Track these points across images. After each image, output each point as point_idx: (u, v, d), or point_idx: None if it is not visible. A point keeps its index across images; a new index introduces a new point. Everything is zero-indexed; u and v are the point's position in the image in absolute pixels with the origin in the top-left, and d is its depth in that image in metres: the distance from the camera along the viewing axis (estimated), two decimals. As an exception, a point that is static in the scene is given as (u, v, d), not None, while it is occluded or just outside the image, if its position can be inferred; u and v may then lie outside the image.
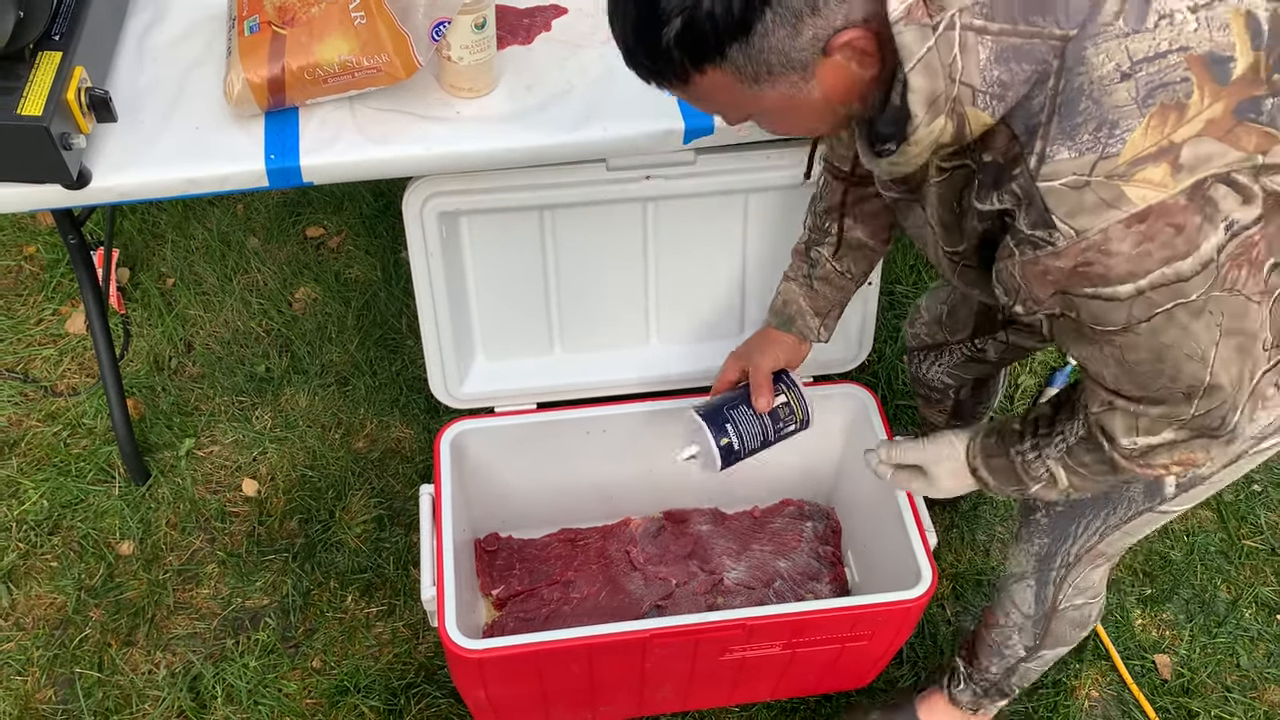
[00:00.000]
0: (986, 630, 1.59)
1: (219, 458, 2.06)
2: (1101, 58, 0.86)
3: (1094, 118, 0.86)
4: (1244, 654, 1.93)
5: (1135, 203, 0.86)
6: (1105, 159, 0.86)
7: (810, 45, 0.87)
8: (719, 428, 1.43)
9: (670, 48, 0.87)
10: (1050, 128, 0.87)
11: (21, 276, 2.32)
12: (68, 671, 1.81)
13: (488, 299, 1.67)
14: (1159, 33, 0.85)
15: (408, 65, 1.36)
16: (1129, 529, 1.33)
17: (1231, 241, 0.89)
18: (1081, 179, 0.87)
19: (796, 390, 1.47)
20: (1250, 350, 0.97)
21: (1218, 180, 0.86)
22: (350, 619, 1.88)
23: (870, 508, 1.74)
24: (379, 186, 2.48)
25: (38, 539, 1.94)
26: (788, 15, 0.85)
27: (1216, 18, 0.86)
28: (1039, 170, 0.88)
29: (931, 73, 0.87)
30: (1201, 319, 0.93)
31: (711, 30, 0.85)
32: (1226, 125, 0.85)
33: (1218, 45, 0.85)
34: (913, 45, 0.86)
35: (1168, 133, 0.85)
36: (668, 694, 1.67)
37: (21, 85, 1.26)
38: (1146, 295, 0.91)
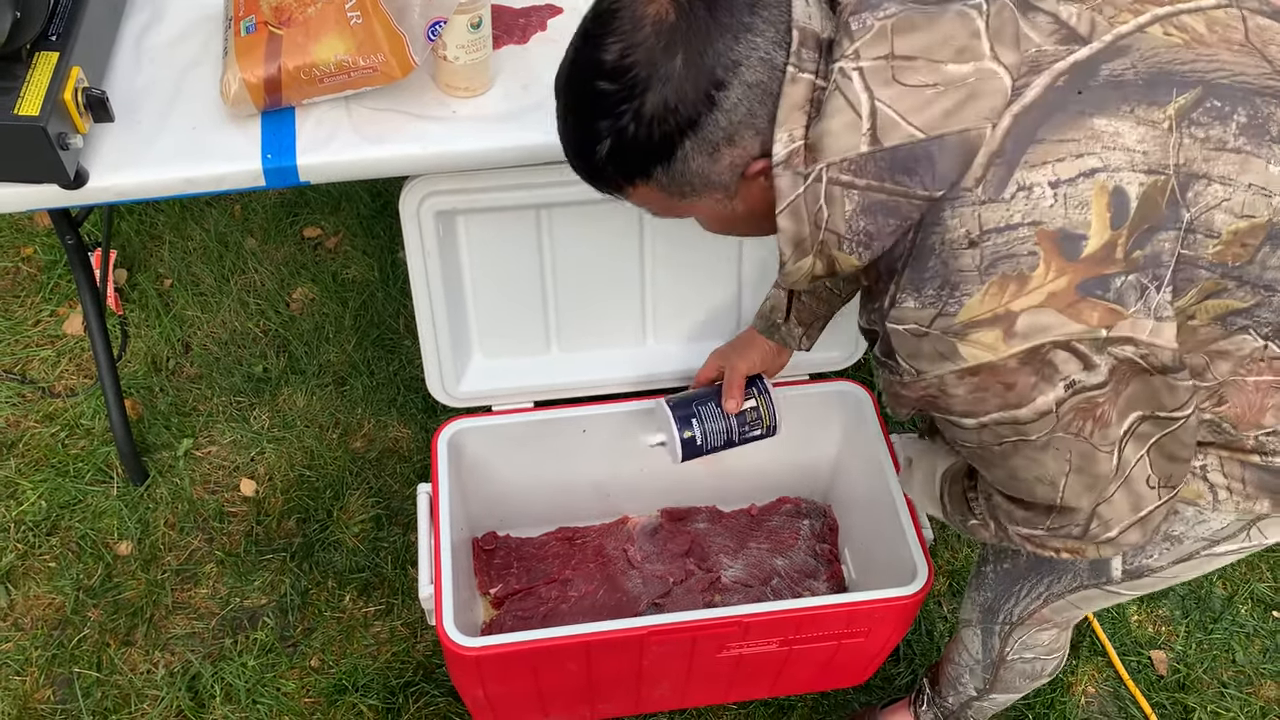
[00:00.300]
0: (946, 662, 1.60)
1: (217, 458, 2.07)
2: (955, 221, 0.88)
3: (939, 276, 0.89)
4: (1240, 650, 1.94)
5: (966, 360, 0.89)
6: (943, 316, 0.89)
7: (729, 170, 0.93)
8: (684, 421, 1.48)
9: (603, 164, 0.94)
10: (903, 276, 0.91)
11: (19, 278, 2.32)
12: (66, 671, 1.81)
13: (485, 298, 1.67)
14: (1014, 204, 0.86)
15: (404, 65, 1.37)
16: (1074, 600, 1.30)
17: (1073, 398, 0.91)
18: (922, 329, 0.91)
19: (768, 397, 1.50)
20: (1096, 488, 0.99)
21: (1057, 347, 0.88)
22: (348, 618, 1.89)
23: (867, 505, 1.74)
24: (376, 187, 2.48)
25: (36, 539, 1.95)
26: (705, 145, 0.91)
27: (1077, 194, 0.86)
28: (889, 311, 0.93)
29: (797, 218, 0.92)
30: (1048, 452, 0.96)
31: (636, 154, 0.92)
32: (1069, 299, 0.86)
33: (1071, 223, 0.86)
34: (785, 189, 0.91)
35: (1005, 301, 0.87)
36: (665, 691, 1.67)
37: (18, 85, 1.26)
38: (990, 428, 0.95)
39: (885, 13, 0.88)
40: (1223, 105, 0.89)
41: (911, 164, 0.87)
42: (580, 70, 0.92)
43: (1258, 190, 0.89)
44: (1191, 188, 0.88)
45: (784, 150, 0.90)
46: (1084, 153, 0.86)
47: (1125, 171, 0.86)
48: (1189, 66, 0.90)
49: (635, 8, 0.89)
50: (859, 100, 0.87)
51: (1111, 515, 1.01)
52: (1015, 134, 0.87)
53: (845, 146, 0.88)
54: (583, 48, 0.92)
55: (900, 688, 1.85)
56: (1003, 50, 0.88)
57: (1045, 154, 0.87)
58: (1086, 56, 0.89)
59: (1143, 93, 0.88)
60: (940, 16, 0.88)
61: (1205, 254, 0.89)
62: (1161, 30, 0.92)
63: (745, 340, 1.53)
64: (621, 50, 0.88)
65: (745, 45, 0.88)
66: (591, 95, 0.91)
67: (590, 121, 0.92)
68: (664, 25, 0.87)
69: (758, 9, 0.89)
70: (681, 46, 0.87)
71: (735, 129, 0.90)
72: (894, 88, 0.87)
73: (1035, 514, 1.06)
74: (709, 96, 0.88)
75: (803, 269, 0.96)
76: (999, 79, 0.87)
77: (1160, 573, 1.19)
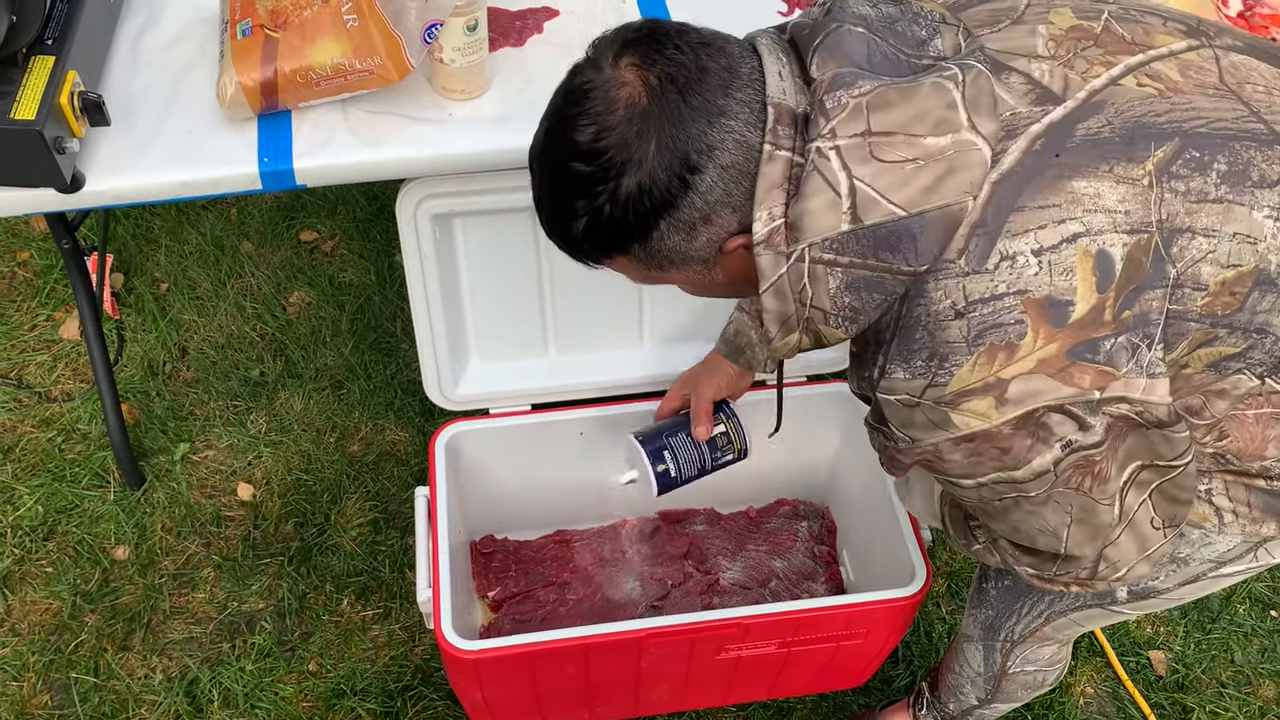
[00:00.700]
0: (946, 670, 1.59)
1: (214, 462, 2.06)
2: (939, 294, 0.87)
3: (927, 347, 0.89)
4: (1238, 649, 1.94)
5: (960, 428, 0.90)
6: (934, 386, 0.89)
7: (706, 247, 0.93)
8: (657, 454, 1.47)
9: (579, 239, 0.95)
10: (891, 347, 0.91)
11: (15, 282, 2.32)
12: (64, 677, 1.81)
13: (482, 301, 1.67)
14: (998, 274, 0.86)
15: (400, 68, 1.37)
16: (1077, 619, 1.30)
17: (1070, 456, 0.91)
18: (913, 399, 0.91)
19: (735, 420, 1.51)
20: (1100, 537, 0.99)
21: (1050, 410, 0.88)
22: (346, 622, 1.88)
23: (865, 507, 1.74)
24: (372, 190, 2.48)
25: (33, 544, 1.94)
26: (682, 225, 0.91)
27: (1061, 261, 0.86)
28: (878, 382, 0.93)
29: (782, 297, 0.92)
30: (1049, 506, 0.97)
31: (612, 232, 0.92)
32: (1059, 365, 0.86)
33: (1057, 289, 0.86)
34: (767, 269, 0.91)
35: (995, 370, 0.87)
36: (664, 694, 1.67)
37: (14, 89, 1.26)
38: (989, 487, 0.96)
39: (860, 90, 0.87)
40: (1201, 155, 0.89)
41: (894, 241, 0.87)
42: (555, 149, 0.92)
43: (1243, 239, 0.89)
44: (1176, 243, 0.88)
45: (764, 229, 0.89)
46: (1066, 218, 0.86)
47: (1108, 234, 0.86)
48: (1165, 118, 0.90)
49: (608, 89, 0.88)
50: (837, 179, 0.86)
51: (1119, 557, 1.01)
52: (995, 203, 0.87)
53: (826, 226, 0.87)
54: (556, 125, 0.92)
55: (899, 689, 1.85)
56: (980, 120, 0.87)
57: (1027, 222, 0.86)
58: (1061, 116, 0.89)
59: (1120, 150, 0.88)
60: (916, 91, 0.87)
61: (1194, 307, 0.89)
62: (1135, 81, 0.91)
63: (708, 366, 1.51)
64: (595, 133, 0.88)
65: (719, 129, 0.87)
66: (566, 175, 0.91)
67: (566, 200, 0.92)
68: (636, 109, 0.87)
69: (732, 90, 0.88)
70: (655, 131, 0.86)
71: (712, 209, 0.90)
72: (872, 165, 0.86)
73: (1042, 560, 1.06)
74: (683, 180, 0.88)
75: (790, 344, 0.96)
76: (978, 150, 0.86)
77: (1167, 594, 1.19)
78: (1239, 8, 1.60)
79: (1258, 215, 0.89)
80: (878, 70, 0.89)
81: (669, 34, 0.90)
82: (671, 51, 0.88)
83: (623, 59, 0.89)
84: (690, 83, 0.87)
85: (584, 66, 0.92)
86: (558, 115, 0.92)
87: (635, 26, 0.92)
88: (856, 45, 0.90)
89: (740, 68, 0.89)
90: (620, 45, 0.90)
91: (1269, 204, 0.89)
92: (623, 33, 0.92)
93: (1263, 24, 1.59)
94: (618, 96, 0.88)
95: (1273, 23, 1.59)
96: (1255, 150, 0.90)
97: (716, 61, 0.89)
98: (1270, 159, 0.90)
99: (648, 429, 1.51)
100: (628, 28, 0.92)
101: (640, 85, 0.88)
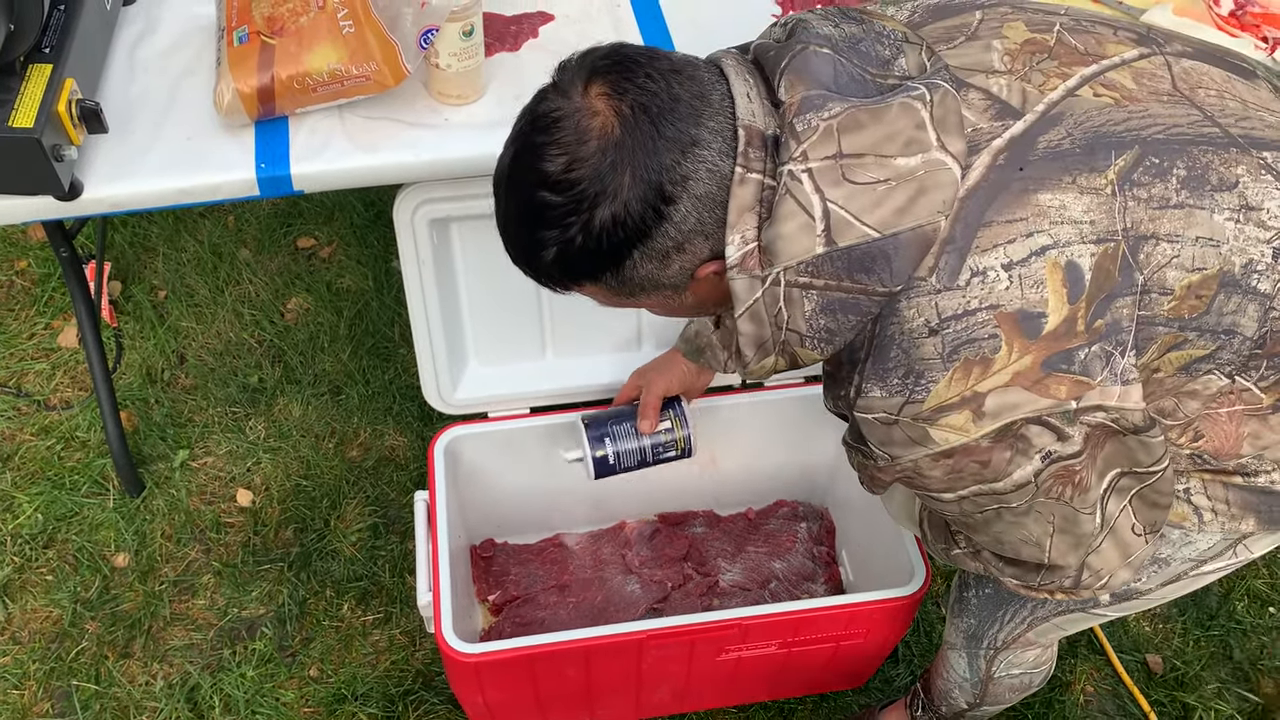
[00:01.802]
0: (935, 675, 1.60)
1: (213, 469, 2.07)
2: (912, 312, 0.88)
3: (902, 365, 0.89)
4: (1237, 646, 1.94)
5: (939, 444, 0.90)
6: (911, 404, 0.90)
7: (679, 274, 0.93)
8: (598, 440, 1.51)
9: (547, 267, 0.93)
10: (866, 366, 0.91)
11: (13, 291, 2.32)
12: (65, 684, 1.81)
13: (479, 305, 1.67)
14: (970, 290, 0.87)
15: (396, 73, 1.37)
16: (1060, 623, 1.30)
17: (1050, 467, 0.92)
18: (891, 417, 0.91)
19: (684, 419, 1.53)
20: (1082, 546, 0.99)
21: (1029, 422, 0.89)
22: (347, 627, 1.89)
23: (863, 507, 1.75)
24: (369, 196, 2.49)
25: (33, 552, 1.94)
26: (655, 254, 0.90)
27: (1031, 274, 0.86)
28: (855, 401, 0.93)
29: (758, 320, 0.92)
30: (1030, 516, 0.97)
31: (583, 262, 0.91)
32: (1035, 377, 0.87)
33: (1029, 302, 0.86)
34: (742, 294, 0.91)
35: (971, 384, 0.87)
36: (665, 696, 1.68)
37: (12, 98, 1.27)
38: (970, 499, 0.96)
39: (830, 112, 0.87)
40: (1160, 161, 0.90)
41: (868, 263, 0.87)
42: (523, 177, 0.90)
43: (1205, 242, 0.90)
44: (1142, 249, 0.88)
45: (737, 253, 0.89)
46: (1033, 231, 0.87)
47: (1076, 245, 0.87)
48: (1123, 126, 0.91)
49: (579, 119, 0.87)
50: (810, 202, 0.86)
51: (1102, 565, 1.02)
52: (963, 219, 0.87)
53: (801, 249, 0.87)
54: (524, 153, 0.90)
55: (899, 689, 1.85)
56: (949, 139, 0.87)
57: (995, 236, 0.87)
58: (1022, 131, 0.90)
59: (1082, 160, 0.89)
60: (885, 112, 0.87)
61: (1162, 311, 0.90)
62: (1091, 92, 0.92)
63: (665, 361, 1.51)
64: (567, 163, 0.87)
65: (693, 159, 0.87)
66: (536, 205, 0.89)
67: (535, 229, 0.90)
68: (609, 140, 0.86)
69: (704, 119, 0.87)
70: (629, 163, 0.86)
71: (685, 238, 0.89)
72: (845, 187, 0.86)
73: (1025, 570, 1.07)
74: (658, 211, 0.87)
75: (766, 367, 0.96)
76: (948, 169, 0.87)
77: (1149, 595, 1.19)
78: (1230, 7, 1.61)
79: (1218, 218, 0.90)
80: (845, 91, 0.89)
81: (639, 62, 0.89)
82: (643, 80, 0.87)
83: (593, 87, 0.88)
84: (663, 112, 0.86)
85: (550, 92, 0.90)
86: (525, 142, 0.90)
87: (603, 53, 0.91)
88: (823, 67, 0.90)
89: (711, 94, 0.89)
90: (589, 73, 0.89)
91: (1229, 206, 0.90)
92: (590, 59, 0.90)
93: (1254, 23, 1.59)
94: (590, 126, 0.87)
95: (1264, 21, 1.60)
96: (1212, 154, 0.91)
97: (687, 89, 0.88)
98: (1227, 162, 0.91)
99: (597, 414, 1.55)
100: (595, 54, 0.91)
101: (613, 115, 0.86)
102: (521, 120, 0.92)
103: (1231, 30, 1.59)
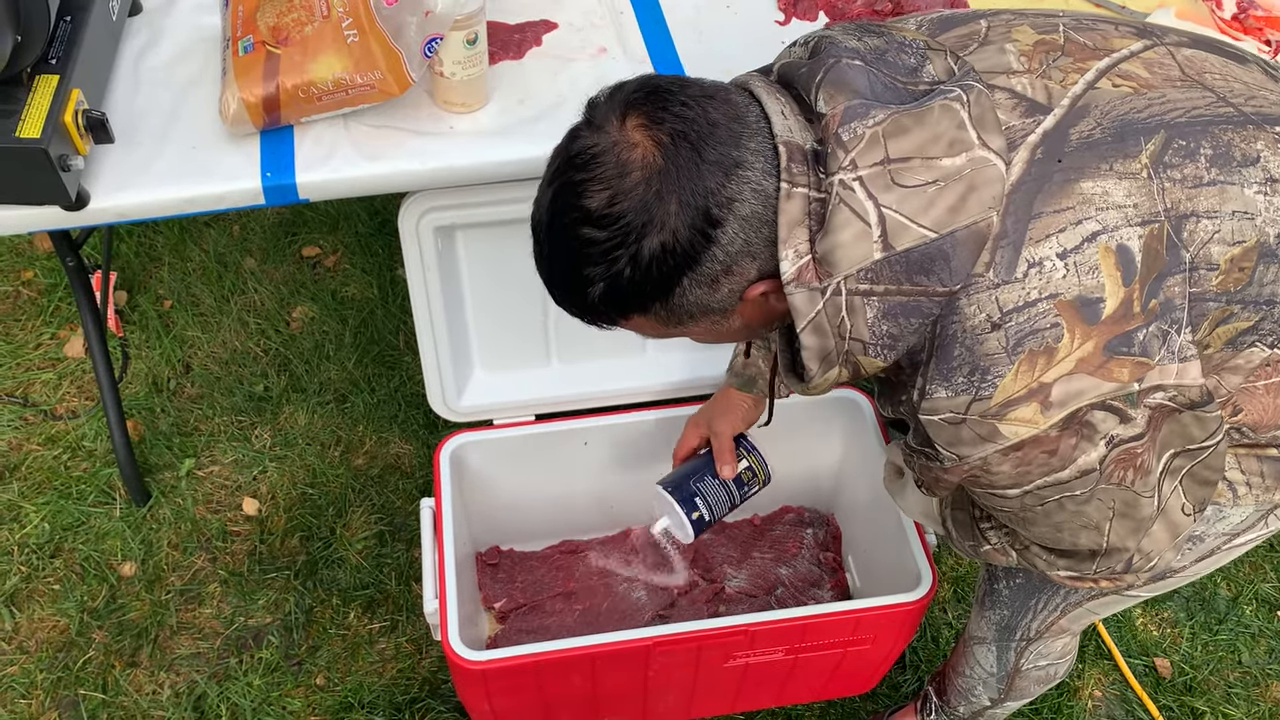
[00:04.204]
0: (954, 674, 1.59)
1: (219, 477, 2.07)
2: (973, 308, 0.89)
3: (967, 363, 0.90)
4: (1245, 651, 1.94)
5: (1009, 438, 0.91)
6: (979, 400, 0.90)
7: (728, 297, 0.93)
8: (689, 502, 1.46)
9: (595, 304, 0.93)
10: (929, 368, 0.92)
11: (20, 301, 2.33)
12: (72, 694, 1.81)
13: (484, 312, 1.68)
14: (1028, 282, 0.88)
15: (401, 82, 1.38)
16: (1093, 607, 1.31)
17: (1114, 451, 0.92)
18: (958, 416, 0.91)
19: (757, 453, 1.50)
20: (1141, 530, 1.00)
21: (1093, 408, 0.89)
22: (353, 635, 1.89)
23: (870, 512, 1.75)
24: (374, 205, 2.49)
25: (40, 562, 1.95)
26: (704, 279, 0.90)
27: (1085, 261, 0.88)
28: (919, 404, 0.93)
29: (821, 332, 0.92)
30: (1092, 504, 0.97)
31: (633, 294, 0.91)
32: (1098, 361, 0.88)
33: (1086, 288, 0.88)
34: (803, 307, 0.91)
35: (1037, 375, 0.88)
36: (671, 703, 1.67)
37: (19, 108, 1.28)
38: (1034, 493, 0.96)
39: (874, 120, 0.88)
40: (1187, 143, 0.92)
41: (927, 264, 0.88)
42: (564, 216, 0.90)
43: (1241, 215, 0.92)
44: (1184, 228, 0.90)
45: (793, 268, 0.89)
46: (1082, 218, 0.88)
47: (1123, 228, 0.88)
48: (1146, 113, 0.93)
49: (618, 153, 0.87)
50: (865, 209, 0.87)
51: (1153, 547, 1.02)
52: (1013, 213, 0.88)
53: (859, 257, 0.88)
54: (563, 193, 0.90)
55: (907, 695, 1.85)
56: (989, 136, 0.89)
57: (1046, 227, 0.88)
58: (1054, 124, 0.91)
59: (1114, 148, 0.91)
60: (927, 115, 0.88)
61: (1210, 286, 0.92)
62: (1110, 83, 0.94)
63: (721, 403, 1.50)
64: (609, 198, 0.87)
65: (737, 181, 0.87)
66: (580, 242, 0.89)
67: (580, 267, 0.90)
68: (652, 170, 0.86)
69: (742, 140, 0.88)
70: (674, 190, 0.86)
71: (733, 260, 0.90)
72: (896, 191, 0.87)
73: (1079, 560, 1.07)
74: (705, 235, 0.88)
75: (829, 379, 0.96)
76: (994, 166, 0.88)
77: (1183, 572, 1.20)
78: (1233, 10, 1.61)
79: (1249, 192, 0.92)
80: (882, 99, 0.90)
81: (671, 91, 0.89)
82: (678, 108, 0.88)
83: (629, 119, 0.88)
84: (703, 137, 0.87)
85: (584, 130, 0.90)
86: (564, 181, 0.90)
87: (634, 86, 0.91)
88: (858, 77, 0.91)
89: (746, 116, 0.90)
90: (624, 106, 0.89)
91: (1256, 180, 0.93)
92: (622, 93, 0.91)
93: (1257, 25, 1.60)
94: (631, 159, 0.87)
95: (1267, 25, 1.60)
96: (1232, 132, 0.94)
97: (723, 113, 0.89)
98: (1246, 138, 0.94)
99: (673, 476, 1.49)
100: (625, 88, 0.91)
101: (652, 145, 0.87)
102: (556, 160, 0.92)
103: (1234, 34, 1.59)
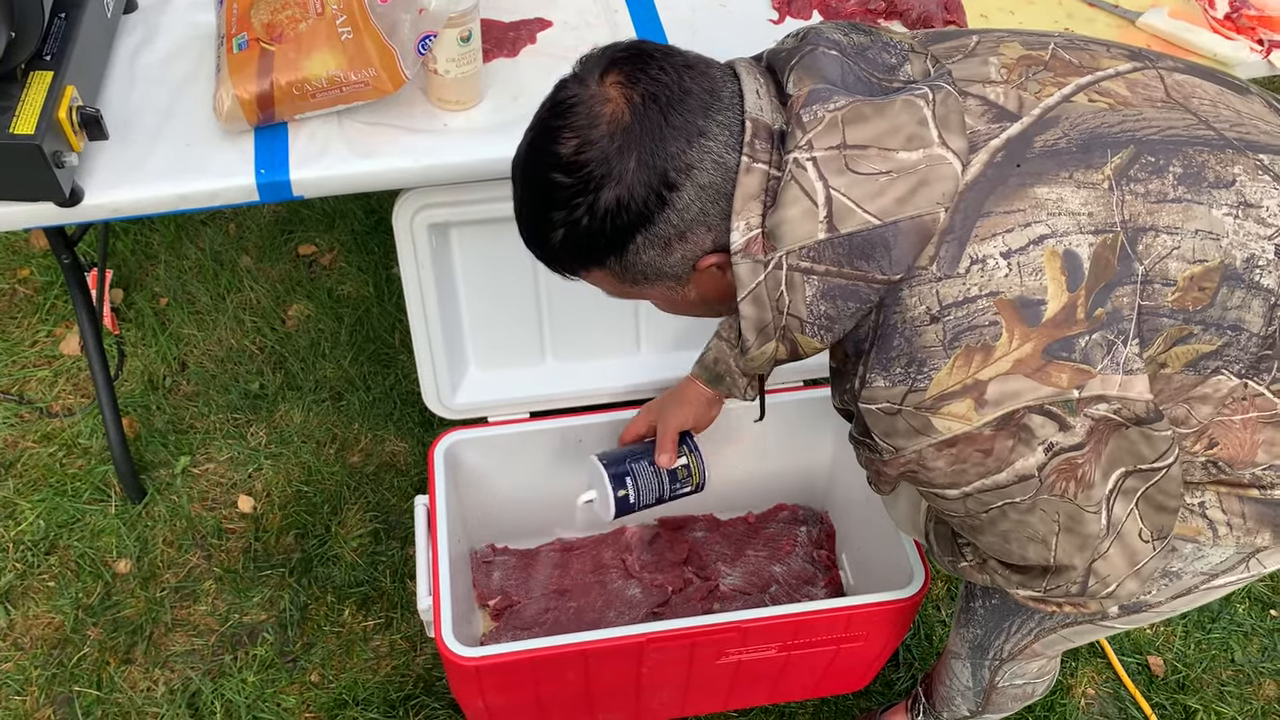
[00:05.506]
0: (937, 682, 1.60)
1: (214, 475, 2.07)
2: (914, 300, 0.90)
3: (905, 354, 0.90)
4: (1238, 649, 1.94)
5: (942, 432, 0.91)
6: (914, 392, 0.91)
7: (681, 263, 0.95)
8: (619, 479, 1.48)
9: (556, 249, 0.97)
10: (870, 357, 0.93)
11: (15, 299, 2.33)
12: (66, 690, 1.81)
13: (479, 310, 1.68)
14: (969, 278, 0.88)
15: (395, 79, 1.38)
16: (1067, 635, 1.30)
17: (1054, 460, 0.92)
18: (894, 406, 0.92)
19: (698, 455, 1.52)
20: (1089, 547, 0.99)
21: (1030, 411, 0.89)
22: (348, 632, 1.89)
23: (863, 510, 1.75)
24: (369, 203, 2.50)
25: (35, 559, 1.95)
26: (657, 240, 0.93)
27: (1030, 262, 0.88)
28: (860, 392, 0.95)
29: (760, 304, 0.93)
30: (1035, 514, 0.97)
31: (588, 244, 0.94)
32: (1036, 364, 0.88)
33: (1028, 289, 0.88)
34: (745, 277, 0.93)
35: (973, 371, 0.89)
36: (665, 700, 1.68)
37: (13, 105, 1.28)
38: (975, 497, 0.97)
39: (835, 105, 0.90)
40: (1156, 160, 0.92)
41: (868, 249, 0.89)
42: (537, 160, 0.94)
43: (1205, 235, 0.91)
44: (1141, 240, 0.90)
45: (742, 239, 0.91)
46: (1031, 221, 0.89)
47: (1074, 234, 0.89)
48: (1119, 128, 0.93)
49: (592, 105, 0.91)
50: (814, 189, 0.89)
51: (1109, 571, 1.02)
52: (962, 210, 0.89)
53: (803, 234, 0.89)
54: (539, 137, 0.94)
55: (900, 692, 1.85)
56: (951, 136, 0.90)
57: (993, 226, 0.89)
58: (1019, 131, 0.92)
59: (1078, 158, 0.91)
60: (889, 107, 0.90)
61: (1165, 302, 0.91)
62: (1086, 98, 0.95)
63: (679, 395, 1.52)
64: (577, 145, 0.90)
65: (698, 149, 0.89)
66: (547, 185, 0.92)
67: (545, 210, 0.94)
68: (619, 125, 0.89)
69: (712, 112, 0.90)
70: (635, 148, 0.89)
71: (688, 226, 0.92)
72: (847, 176, 0.89)
73: (1031, 577, 1.07)
74: (661, 197, 0.90)
75: (766, 353, 0.98)
76: (949, 164, 0.89)
77: (1158, 608, 1.19)
78: (1225, 9, 1.62)
79: (1217, 213, 0.92)
80: (851, 89, 0.92)
81: (654, 55, 0.93)
82: (656, 71, 0.91)
83: (608, 76, 0.92)
84: (672, 102, 0.90)
85: (569, 81, 0.95)
86: (542, 127, 0.94)
87: (623, 46, 0.94)
88: (831, 65, 0.93)
89: (722, 91, 0.92)
90: (607, 63, 0.93)
91: (1227, 203, 0.92)
92: (610, 51, 0.94)
93: (1249, 25, 1.60)
94: (601, 112, 0.90)
95: (1260, 24, 1.60)
96: (1208, 154, 0.93)
97: (699, 84, 0.91)
98: (1223, 162, 0.93)
99: (612, 452, 1.53)
100: (615, 47, 0.94)
101: (624, 102, 0.90)
102: (541, 107, 0.96)
103: (1227, 33, 1.59)
